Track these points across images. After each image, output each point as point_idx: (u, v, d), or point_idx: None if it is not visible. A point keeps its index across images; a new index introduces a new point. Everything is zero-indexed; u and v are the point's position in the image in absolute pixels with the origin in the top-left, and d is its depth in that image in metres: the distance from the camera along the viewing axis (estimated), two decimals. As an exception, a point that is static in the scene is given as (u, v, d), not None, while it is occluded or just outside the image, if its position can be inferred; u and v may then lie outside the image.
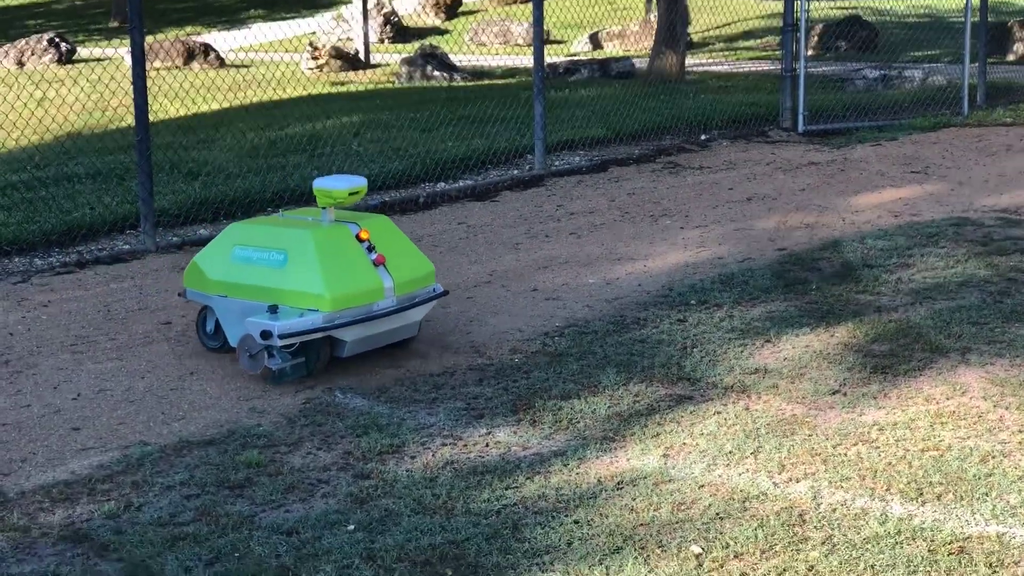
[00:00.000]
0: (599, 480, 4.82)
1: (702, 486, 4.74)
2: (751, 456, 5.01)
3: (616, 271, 8.03)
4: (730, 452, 5.05)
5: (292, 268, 6.00)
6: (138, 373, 6.20)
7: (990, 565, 4.04)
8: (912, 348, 6.26)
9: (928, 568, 4.02)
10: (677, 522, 4.43)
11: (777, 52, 17.40)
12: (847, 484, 4.72)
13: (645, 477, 4.83)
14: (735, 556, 4.16)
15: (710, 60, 20.90)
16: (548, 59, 17.01)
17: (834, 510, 4.49)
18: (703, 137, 13.44)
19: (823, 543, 4.23)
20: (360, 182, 6.26)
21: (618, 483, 4.78)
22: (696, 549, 4.21)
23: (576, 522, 4.46)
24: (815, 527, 4.36)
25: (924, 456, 4.95)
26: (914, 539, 4.23)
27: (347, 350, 6.05)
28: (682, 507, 4.56)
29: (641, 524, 4.42)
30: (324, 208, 6.25)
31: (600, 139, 12.92)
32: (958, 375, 5.87)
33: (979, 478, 4.72)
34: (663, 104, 14.60)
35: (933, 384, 5.77)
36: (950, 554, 4.11)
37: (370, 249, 6.16)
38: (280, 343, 5.81)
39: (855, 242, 8.56)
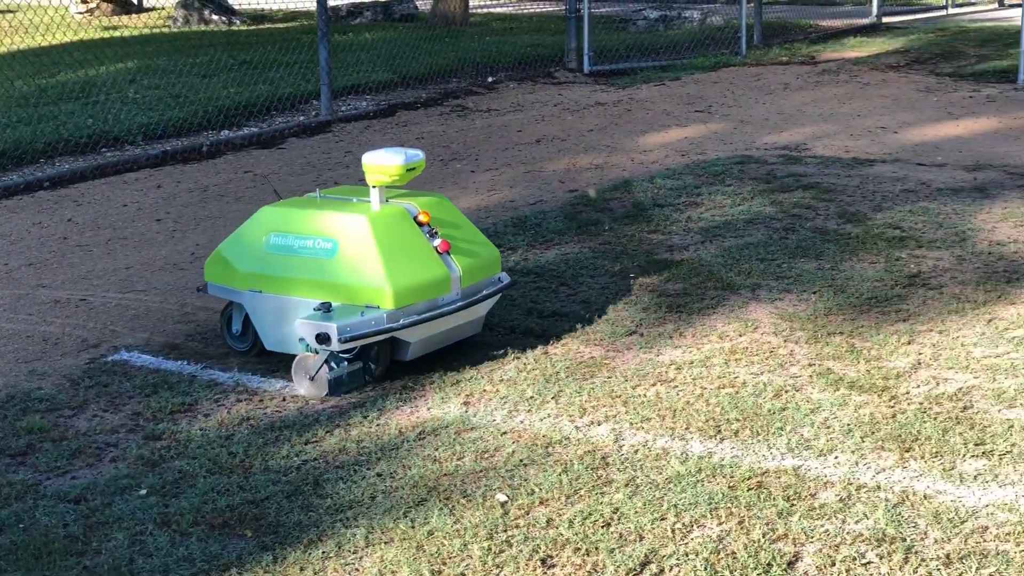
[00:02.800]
0: (400, 431, 4.74)
1: (504, 433, 4.69)
2: (552, 400, 4.99)
3: (408, 217, 7.92)
4: (531, 397, 5.02)
5: (344, 258, 5.20)
6: (-94, 338, 5.85)
7: (787, 498, 4.10)
8: (704, 286, 6.34)
9: (729, 504, 4.06)
10: (481, 470, 4.38)
11: (560, -7, 17.43)
12: (648, 425, 4.74)
13: (447, 426, 4.76)
14: (540, 502, 4.13)
15: (493, 1, 20.85)
16: (330, 1, 16.68)
17: (636, 451, 4.50)
18: (490, 79, 13.39)
19: (627, 485, 4.23)
20: (418, 156, 5.39)
21: (420, 433, 4.71)
22: (501, 497, 4.17)
23: (379, 475, 4.37)
24: (618, 469, 4.36)
25: (721, 393, 5.01)
26: (714, 476, 4.27)
27: (411, 352, 5.28)
28: (485, 455, 4.51)
29: (445, 474, 4.36)
30: (373, 187, 5.38)
31: (387, 83, 12.75)
32: (749, 311, 5.97)
33: (774, 413, 4.80)
34: (448, 47, 14.50)
35: (726, 321, 5.85)
36: (749, 489, 4.16)
37: (432, 234, 5.39)
38: (340, 348, 5.04)
39: (645, 182, 8.63)
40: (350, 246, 5.21)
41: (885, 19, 18.54)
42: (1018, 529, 3.84)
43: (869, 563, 3.69)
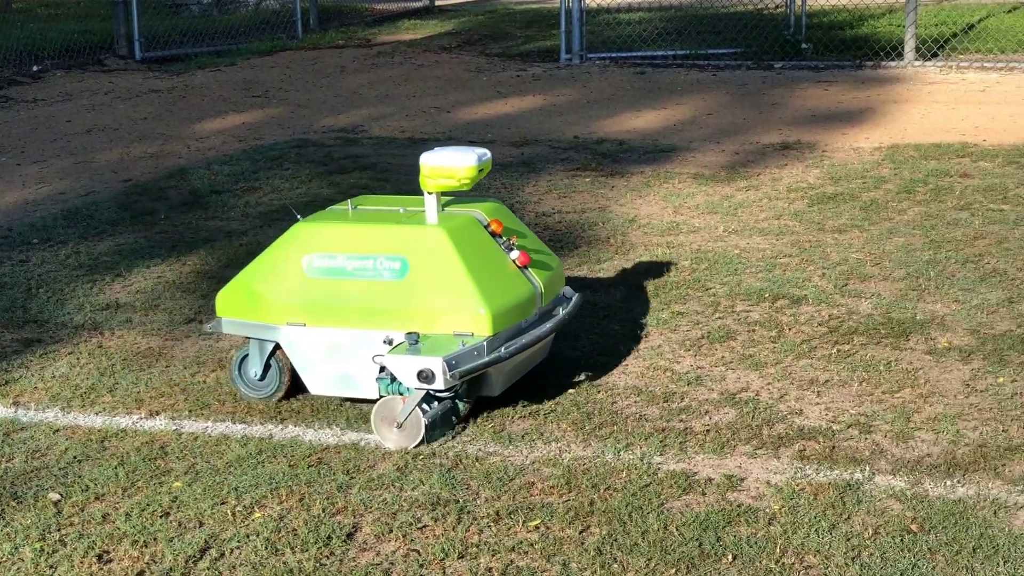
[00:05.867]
0: (-57, 438, 4.50)
1: (57, 430, 4.54)
2: (108, 394, 4.87)
3: (-52, 214, 7.51)
4: (85, 393, 4.88)
5: (419, 279, 4.44)
6: None
7: (347, 472, 4.17)
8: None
9: (290, 482, 4.09)
10: (32, 471, 4.22)
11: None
12: (208, 411, 4.71)
13: (-6, 429, 4.56)
14: (96, 498, 4.02)
15: (38, -13, 19.96)
16: None
17: (196, 438, 4.46)
18: (35, 68, 12.84)
19: (186, 473, 4.19)
20: (487, 155, 4.66)
21: (-35, 439, 4.49)
22: (54, 496, 4.03)
23: (-81, 486, 4.14)
24: (177, 458, 4.31)
25: (281, 374, 5.03)
26: (275, 457, 4.29)
27: (500, 385, 4.54)
28: (37, 455, 4.34)
29: (-7, 479, 4.18)
30: (429, 193, 4.62)
31: (-80, 73, 11.99)
32: (308, 292, 6.01)
33: (334, 390, 4.87)
34: (-12, 34, 13.78)
35: (285, 303, 5.86)
36: (310, 466, 4.21)
37: (509, 247, 4.69)
38: (447, 386, 4.29)
39: (202, 169, 8.53)
40: (426, 264, 4.47)
41: (437, 2, 19.06)
42: (561, 482, 4.07)
43: (425, 526, 3.82)
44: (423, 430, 4.31)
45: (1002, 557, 3.55)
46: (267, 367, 4.73)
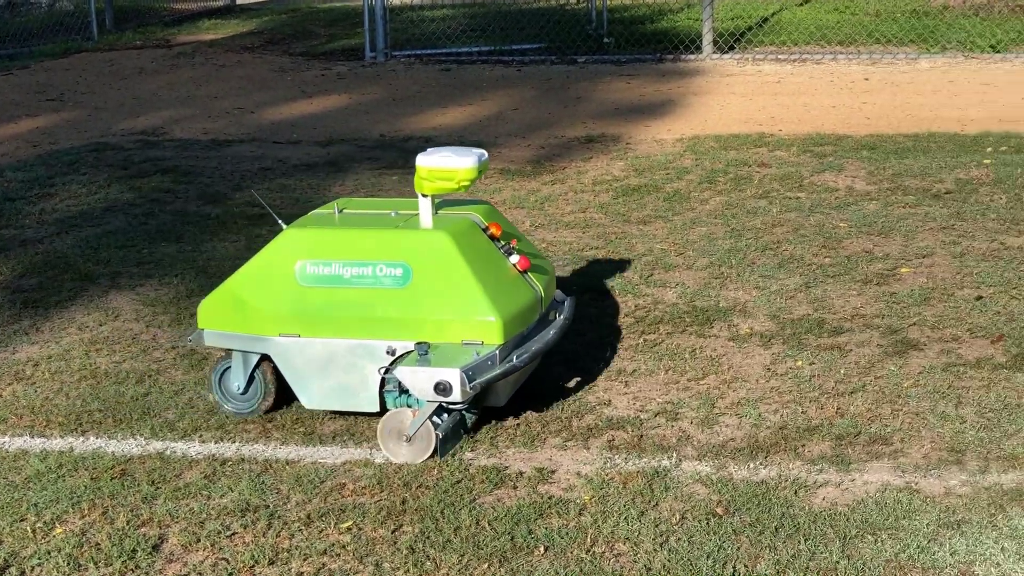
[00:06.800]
0: None
1: None
2: None
3: None
4: None
5: (423, 286, 4.25)
6: None
7: (152, 482, 4.08)
8: (62, 279, 6.15)
9: (92, 496, 3.98)
10: None
11: None
12: (3, 426, 4.54)
13: None
14: None
15: None
16: None
17: (-8, 455, 4.31)
18: None
19: (-18, 491, 4.05)
20: (485, 155, 4.47)
21: None
22: None
23: None
24: (-27, 476, 4.16)
25: (82, 385, 4.89)
26: (76, 470, 4.17)
27: (505, 395, 4.38)
28: None
29: None
30: (425, 196, 4.43)
31: None
32: (110, 300, 5.86)
33: (137, 399, 4.74)
34: None
35: (86, 312, 5.71)
36: (113, 479, 4.10)
37: (508, 251, 4.53)
38: (463, 398, 4.10)
39: (-7, 176, 8.25)
40: (430, 271, 4.28)
41: (239, 1, 18.78)
42: (373, 482, 4.04)
43: (234, 534, 3.75)
44: (434, 443, 4.16)
45: (803, 535, 3.65)
46: (251, 380, 4.54)
